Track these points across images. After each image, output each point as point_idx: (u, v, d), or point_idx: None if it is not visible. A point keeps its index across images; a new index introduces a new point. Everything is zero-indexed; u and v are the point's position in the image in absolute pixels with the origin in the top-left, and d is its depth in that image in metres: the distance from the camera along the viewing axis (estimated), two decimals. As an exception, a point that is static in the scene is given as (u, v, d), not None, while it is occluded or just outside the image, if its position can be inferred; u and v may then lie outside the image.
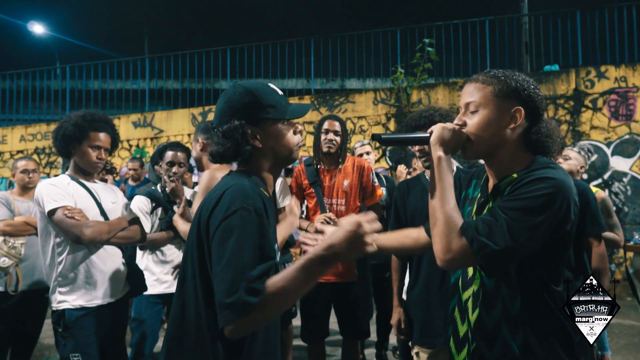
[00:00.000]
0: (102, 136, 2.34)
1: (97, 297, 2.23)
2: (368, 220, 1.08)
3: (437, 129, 1.27)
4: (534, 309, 1.20)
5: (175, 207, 3.02)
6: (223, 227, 1.13)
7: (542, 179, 1.14)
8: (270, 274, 1.13)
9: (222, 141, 1.28)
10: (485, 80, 1.26)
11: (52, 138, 2.34)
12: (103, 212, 2.34)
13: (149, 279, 2.84)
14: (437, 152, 1.25)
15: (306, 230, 2.86)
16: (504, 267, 1.19)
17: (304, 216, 3.21)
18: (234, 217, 1.13)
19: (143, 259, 2.98)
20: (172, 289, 2.95)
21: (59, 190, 2.21)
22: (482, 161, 1.39)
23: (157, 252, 2.99)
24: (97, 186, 2.42)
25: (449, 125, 1.27)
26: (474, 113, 1.26)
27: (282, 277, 1.09)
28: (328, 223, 2.76)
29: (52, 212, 2.14)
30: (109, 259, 2.31)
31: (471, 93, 1.27)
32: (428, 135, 1.29)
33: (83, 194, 2.30)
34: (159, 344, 3.13)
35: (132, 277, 2.46)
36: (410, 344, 2.40)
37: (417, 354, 2.32)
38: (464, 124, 1.27)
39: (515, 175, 1.23)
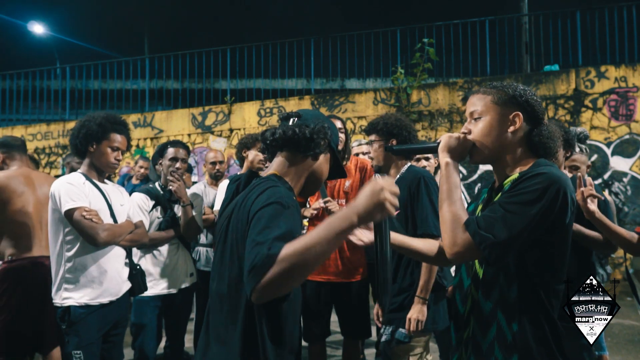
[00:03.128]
0: (120, 138, 2.45)
1: (101, 295, 2.32)
2: (389, 183, 1.17)
3: (444, 139, 1.40)
4: (530, 300, 1.26)
5: (175, 207, 3.02)
6: (259, 213, 1.25)
7: (538, 174, 1.25)
8: None
9: (303, 131, 1.41)
10: (486, 91, 1.41)
11: (72, 135, 2.42)
12: (113, 214, 2.43)
13: (147, 281, 2.82)
14: (445, 159, 1.38)
15: (304, 217, 2.92)
16: (505, 256, 1.26)
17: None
18: (269, 207, 1.25)
19: (140, 261, 2.93)
20: (171, 290, 2.96)
21: (77, 190, 2.29)
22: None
23: (155, 253, 2.95)
24: (107, 187, 2.51)
25: (454, 134, 1.41)
26: (478, 120, 1.39)
27: (304, 236, 1.14)
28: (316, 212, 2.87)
29: (70, 211, 2.22)
30: (114, 259, 2.40)
31: (474, 103, 1.41)
32: (436, 144, 1.42)
33: (97, 195, 2.39)
34: (161, 345, 3.14)
35: (134, 276, 2.53)
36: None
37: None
38: (469, 132, 1.40)
39: (517, 175, 1.33)
